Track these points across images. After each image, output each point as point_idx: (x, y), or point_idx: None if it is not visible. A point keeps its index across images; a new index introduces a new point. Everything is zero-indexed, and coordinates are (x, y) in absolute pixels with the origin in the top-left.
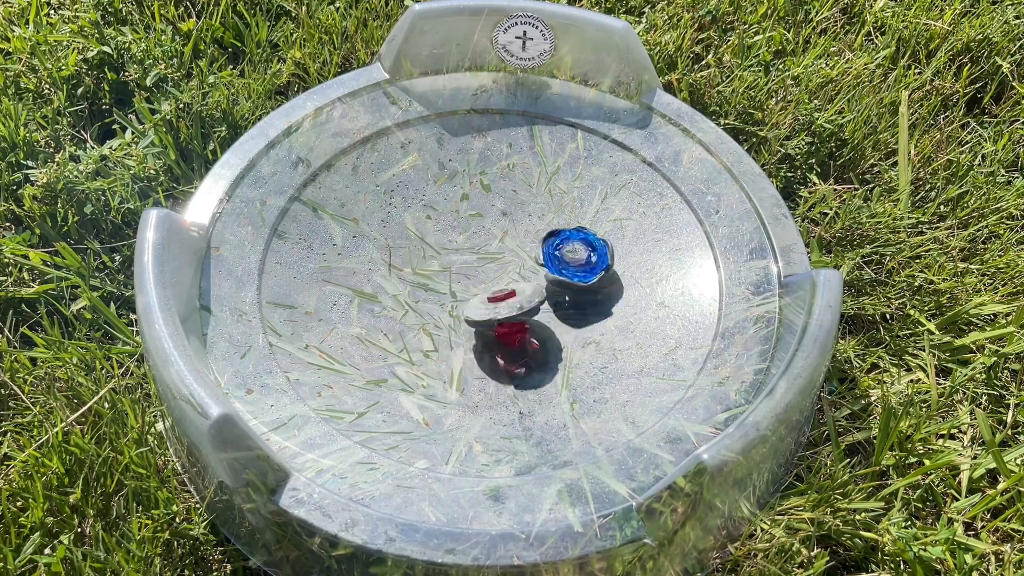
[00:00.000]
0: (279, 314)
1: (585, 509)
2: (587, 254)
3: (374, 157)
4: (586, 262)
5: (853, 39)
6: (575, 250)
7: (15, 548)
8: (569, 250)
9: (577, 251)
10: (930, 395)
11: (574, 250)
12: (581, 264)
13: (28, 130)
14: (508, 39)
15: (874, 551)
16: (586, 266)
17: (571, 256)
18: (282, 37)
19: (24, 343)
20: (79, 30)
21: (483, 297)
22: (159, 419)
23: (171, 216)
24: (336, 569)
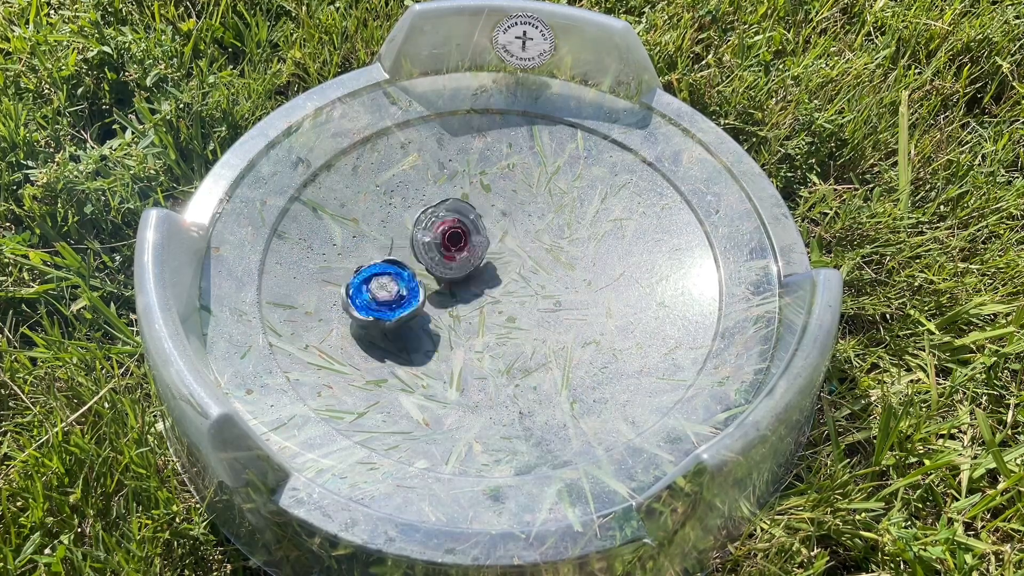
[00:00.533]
0: (279, 314)
1: (585, 509)
2: (396, 289)
3: (374, 157)
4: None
5: (853, 39)
6: (384, 285)
7: (15, 548)
8: (378, 286)
9: (386, 286)
10: (930, 395)
11: (382, 285)
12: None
13: (28, 130)
14: (508, 39)
15: (874, 551)
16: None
17: (382, 293)
18: (282, 37)
19: (24, 343)
20: (79, 30)
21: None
22: (159, 419)
23: (171, 216)
24: (336, 569)
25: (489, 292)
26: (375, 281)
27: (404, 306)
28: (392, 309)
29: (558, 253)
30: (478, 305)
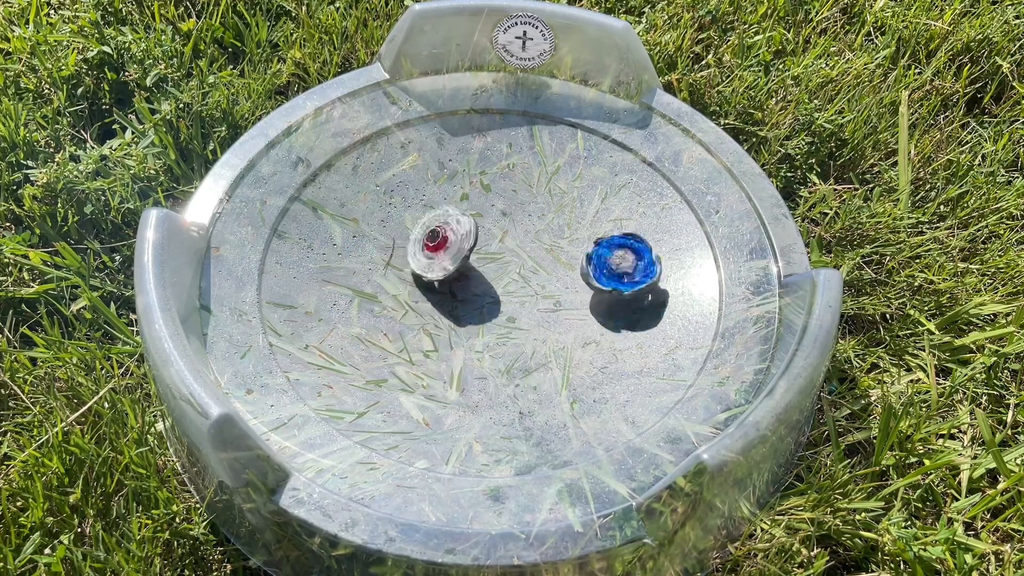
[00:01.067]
0: (279, 314)
1: (585, 509)
2: (634, 262)
3: (374, 157)
4: (633, 270)
5: (853, 39)
6: (623, 257)
7: (15, 548)
8: (618, 257)
9: (625, 258)
10: (930, 395)
11: (622, 257)
12: (629, 272)
13: (28, 130)
14: (508, 39)
15: (874, 551)
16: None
17: (618, 264)
18: (282, 37)
19: (24, 343)
20: (79, 30)
21: (418, 243)
22: (159, 419)
23: (171, 216)
24: (336, 569)
25: (489, 292)
26: (616, 253)
27: (645, 278)
28: (630, 281)
29: (558, 253)
30: (478, 305)
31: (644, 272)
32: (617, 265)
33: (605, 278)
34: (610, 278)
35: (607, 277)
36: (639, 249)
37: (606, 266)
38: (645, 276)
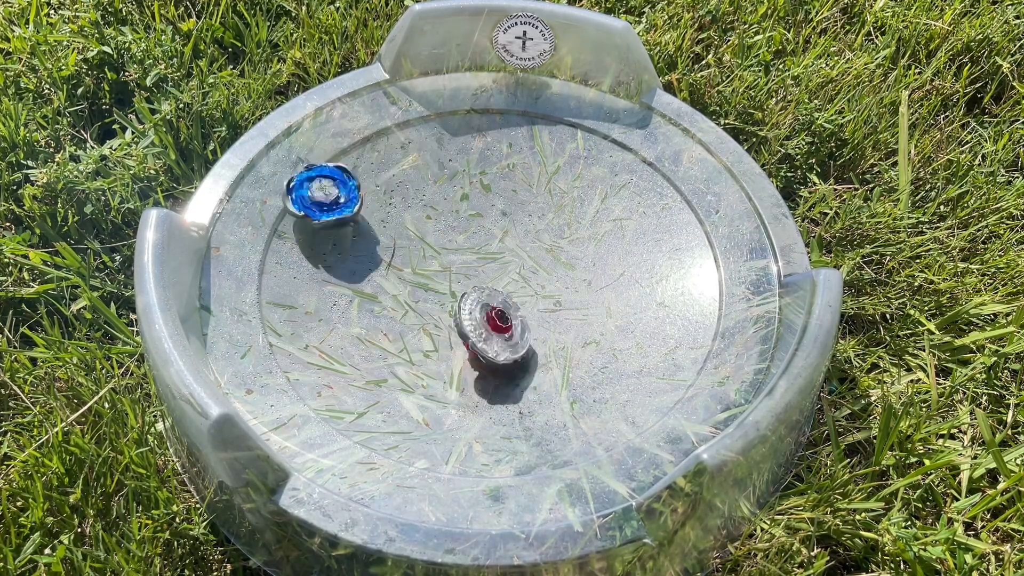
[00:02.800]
0: (279, 314)
1: (585, 509)
2: (336, 193)
3: (374, 157)
4: (333, 201)
5: (853, 39)
6: (323, 188)
7: (15, 548)
8: (318, 187)
9: (326, 189)
10: (930, 395)
11: (322, 187)
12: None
13: (28, 130)
14: (508, 39)
15: (874, 551)
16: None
17: (319, 194)
18: (282, 37)
19: (24, 343)
20: (79, 30)
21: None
22: (159, 419)
23: (171, 216)
24: (336, 569)
25: None
26: (317, 182)
27: (336, 211)
28: (324, 211)
29: (558, 253)
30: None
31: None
32: (314, 194)
33: (298, 203)
34: (303, 204)
35: (300, 203)
36: (345, 182)
37: (302, 192)
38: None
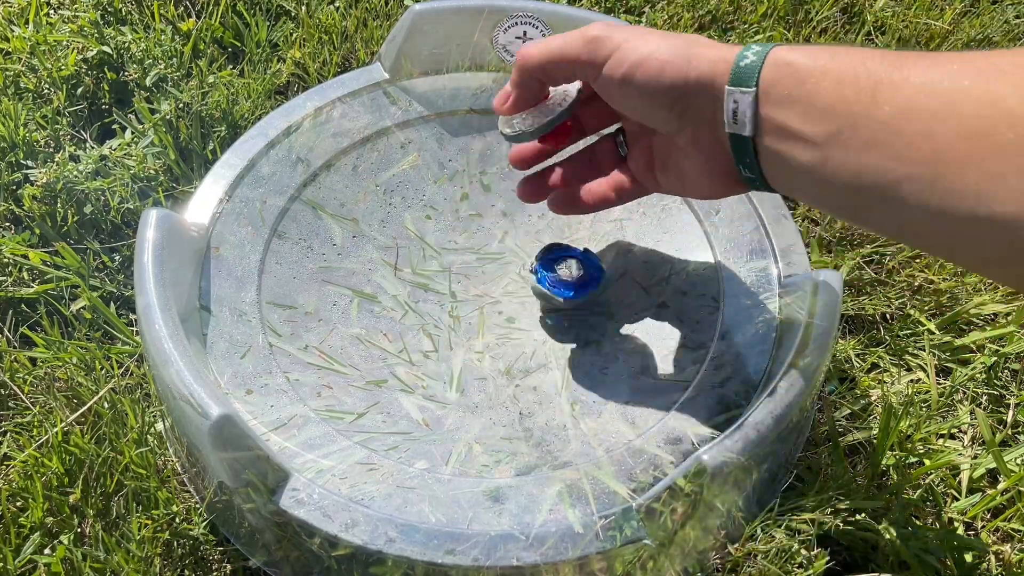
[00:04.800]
0: (279, 314)
1: (585, 510)
2: (579, 273)
3: (374, 157)
4: (576, 281)
5: (853, 39)
6: (568, 266)
7: (15, 548)
8: (563, 266)
9: (570, 267)
10: (930, 395)
11: (568, 266)
12: (571, 282)
13: (28, 130)
14: (508, 39)
15: (874, 551)
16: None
17: (563, 272)
18: (282, 37)
19: (24, 343)
20: (79, 30)
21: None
22: (159, 419)
23: (171, 216)
24: (336, 569)
25: (489, 292)
26: (564, 262)
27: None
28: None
29: None
30: (478, 305)
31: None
32: (560, 274)
33: (556, 288)
34: (553, 285)
35: (556, 287)
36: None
37: (553, 272)
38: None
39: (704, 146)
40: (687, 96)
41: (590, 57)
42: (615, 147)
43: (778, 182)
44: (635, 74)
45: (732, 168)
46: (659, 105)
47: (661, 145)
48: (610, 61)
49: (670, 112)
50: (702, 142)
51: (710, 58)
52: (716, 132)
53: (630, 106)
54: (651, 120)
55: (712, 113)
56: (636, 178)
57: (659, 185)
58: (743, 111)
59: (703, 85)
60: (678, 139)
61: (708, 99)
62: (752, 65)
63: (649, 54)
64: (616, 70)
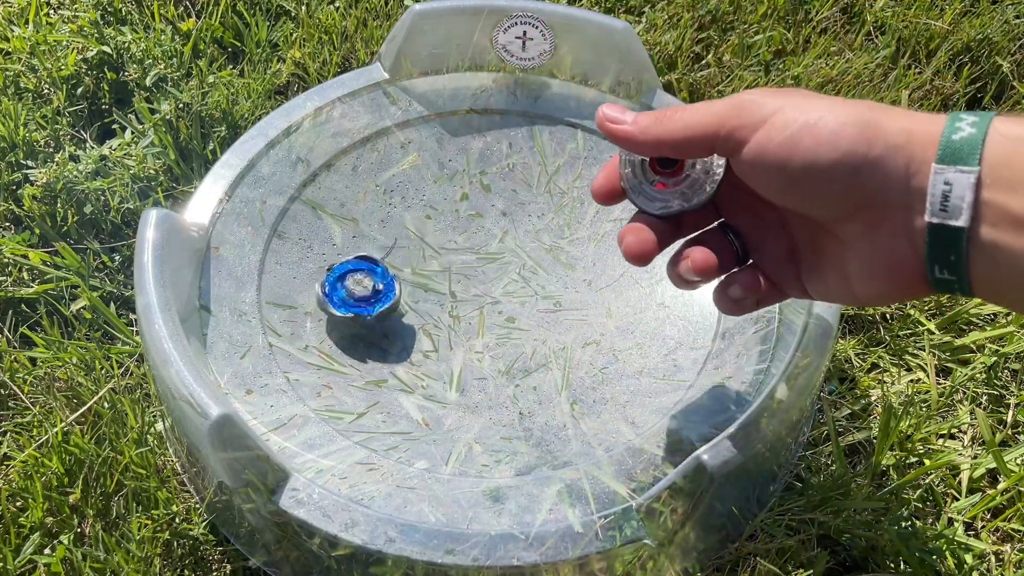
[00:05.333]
0: (279, 314)
1: (585, 509)
2: (372, 284)
3: (374, 157)
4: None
5: (853, 39)
6: (359, 281)
7: (15, 548)
8: (354, 282)
9: (361, 282)
10: (930, 395)
11: (358, 281)
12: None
13: (28, 130)
14: (508, 39)
15: (874, 551)
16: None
17: (358, 289)
18: (282, 37)
19: (24, 343)
20: (79, 30)
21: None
22: (159, 419)
23: (171, 216)
24: (336, 569)
25: (489, 292)
26: (350, 278)
27: (381, 300)
28: (370, 304)
29: (558, 253)
30: (478, 305)
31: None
32: (352, 291)
33: (341, 306)
34: (346, 305)
35: (343, 305)
36: (374, 270)
37: (339, 293)
38: (387, 295)
39: (882, 239)
40: (868, 174)
41: (738, 122)
42: (728, 244)
43: (989, 286)
44: (799, 143)
45: (918, 267)
46: (828, 185)
47: (810, 239)
48: (764, 128)
49: (842, 195)
50: (880, 234)
51: (902, 128)
52: (906, 221)
53: (783, 187)
54: (812, 204)
55: (902, 197)
56: (772, 279)
57: (803, 289)
58: (959, 195)
59: (892, 161)
60: (843, 230)
61: (898, 179)
62: (971, 139)
63: (818, 119)
64: (771, 139)
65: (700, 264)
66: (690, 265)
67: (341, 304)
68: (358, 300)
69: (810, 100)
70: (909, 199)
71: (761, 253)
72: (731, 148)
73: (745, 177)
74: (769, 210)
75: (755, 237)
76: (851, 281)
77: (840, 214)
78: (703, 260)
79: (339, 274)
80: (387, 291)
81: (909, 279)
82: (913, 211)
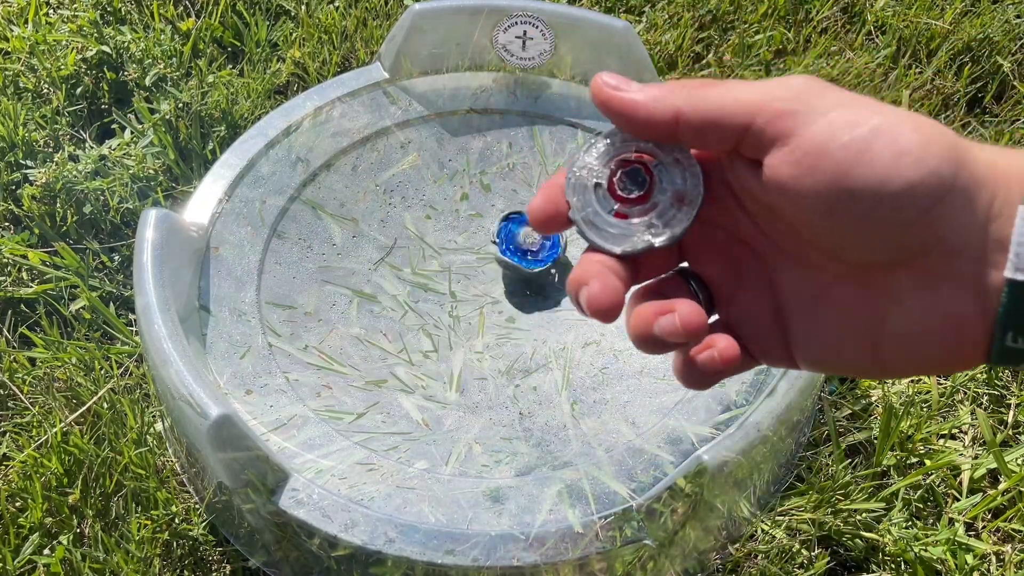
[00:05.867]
0: (278, 314)
1: (585, 510)
2: (542, 241)
3: (374, 157)
4: (539, 248)
5: (854, 38)
6: (529, 235)
7: (14, 548)
8: (524, 234)
9: (532, 236)
10: (931, 395)
11: (528, 234)
12: (534, 251)
13: (27, 130)
14: (508, 39)
15: (875, 551)
16: (539, 253)
17: (526, 241)
18: (281, 36)
19: (23, 343)
20: (78, 29)
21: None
22: (158, 419)
23: (170, 216)
24: (336, 570)
25: (489, 292)
26: (524, 229)
27: (544, 259)
28: (538, 258)
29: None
30: (478, 305)
31: (549, 251)
32: (523, 241)
33: (511, 252)
34: (515, 253)
35: (512, 252)
36: None
37: (513, 241)
38: (550, 255)
39: (942, 296)
40: (949, 206)
41: (787, 106)
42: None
43: None
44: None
45: (984, 332)
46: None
47: (815, 293)
48: (823, 122)
49: (908, 229)
50: (940, 289)
51: (988, 159)
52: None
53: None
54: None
55: (978, 244)
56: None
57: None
58: None
59: (977, 195)
60: (889, 280)
61: (978, 220)
62: None
63: (898, 123)
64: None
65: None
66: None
67: (515, 252)
68: (525, 252)
69: (879, 103)
70: (985, 247)
71: (732, 309)
72: (767, 142)
73: (775, 188)
74: (750, 254)
75: (726, 289)
76: (883, 347)
77: (895, 256)
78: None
79: (516, 224)
80: (553, 247)
81: (966, 347)
82: (987, 263)
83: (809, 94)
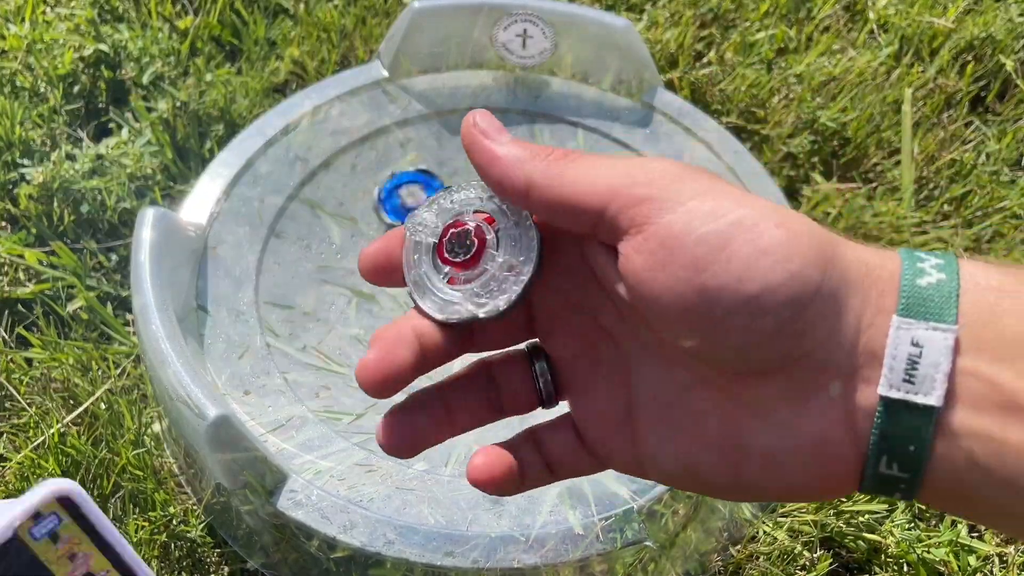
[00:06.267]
0: (277, 314)
1: (586, 511)
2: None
3: (373, 156)
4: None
5: (856, 37)
6: (413, 193)
7: None
8: (407, 193)
9: (415, 195)
10: None
11: (412, 193)
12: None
13: (24, 128)
14: (508, 37)
15: (877, 553)
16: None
17: (410, 200)
18: (280, 35)
19: (20, 343)
20: (75, 28)
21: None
22: (156, 420)
23: (168, 215)
24: (335, 571)
25: None
26: (405, 188)
27: None
28: None
29: None
30: None
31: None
32: (405, 200)
33: (395, 214)
34: (397, 213)
35: (394, 212)
36: (431, 184)
37: (394, 201)
38: None
39: (808, 414)
40: (816, 313)
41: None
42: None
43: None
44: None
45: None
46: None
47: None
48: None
49: (770, 337)
50: (806, 407)
51: (859, 258)
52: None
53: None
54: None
55: (847, 358)
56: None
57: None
58: (932, 362)
59: (846, 302)
60: (751, 393)
61: (848, 330)
62: (943, 287)
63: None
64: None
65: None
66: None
67: (393, 211)
68: (410, 211)
69: (745, 194)
70: (855, 362)
71: (582, 401)
72: (620, 231)
73: (630, 278)
74: (610, 342)
75: (580, 376)
76: (745, 466)
77: (755, 366)
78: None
79: (397, 183)
80: None
81: (836, 471)
82: (857, 379)
83: (667, 179)
